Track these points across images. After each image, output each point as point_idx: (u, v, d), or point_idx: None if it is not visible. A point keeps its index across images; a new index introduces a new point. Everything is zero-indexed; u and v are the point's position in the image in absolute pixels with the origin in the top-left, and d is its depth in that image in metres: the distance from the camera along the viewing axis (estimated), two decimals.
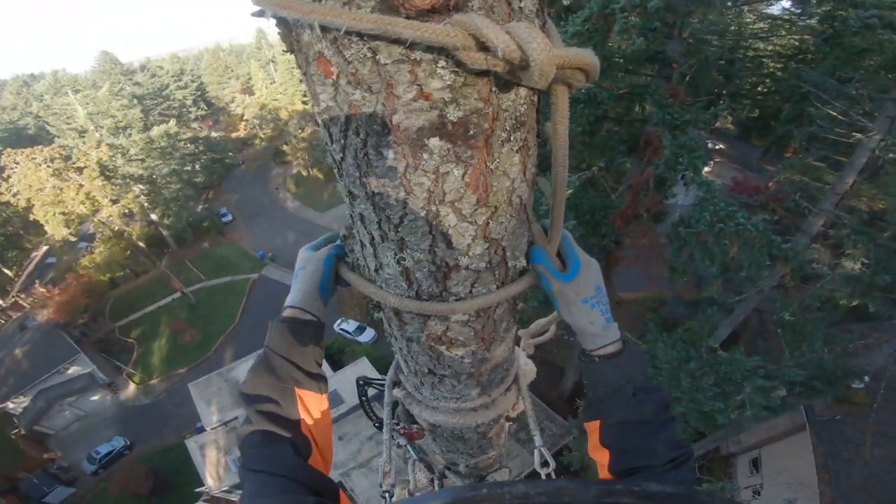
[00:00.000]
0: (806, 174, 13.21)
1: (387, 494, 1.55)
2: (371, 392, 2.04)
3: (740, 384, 8.40)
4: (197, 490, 17.26)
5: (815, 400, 10.20)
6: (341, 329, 23.68)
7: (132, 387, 25.28)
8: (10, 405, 23.16)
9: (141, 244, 33.59)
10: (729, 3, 13.08)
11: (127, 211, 31.78)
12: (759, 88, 25.92)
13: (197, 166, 40.26)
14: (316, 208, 37.20)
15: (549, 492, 0.38)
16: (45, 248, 36.40)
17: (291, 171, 42.43)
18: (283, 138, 42.77)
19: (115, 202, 30.71)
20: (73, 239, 31.96)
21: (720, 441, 12.99)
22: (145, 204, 32.29)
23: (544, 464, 1.52)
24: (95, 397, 24.91)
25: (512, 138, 0.65)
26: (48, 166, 28.90)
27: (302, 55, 0.59)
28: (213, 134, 47.50)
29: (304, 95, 46.88)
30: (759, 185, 20.70)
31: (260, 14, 0.57)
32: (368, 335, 23.05)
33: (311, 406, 0.95)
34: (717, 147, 27.90)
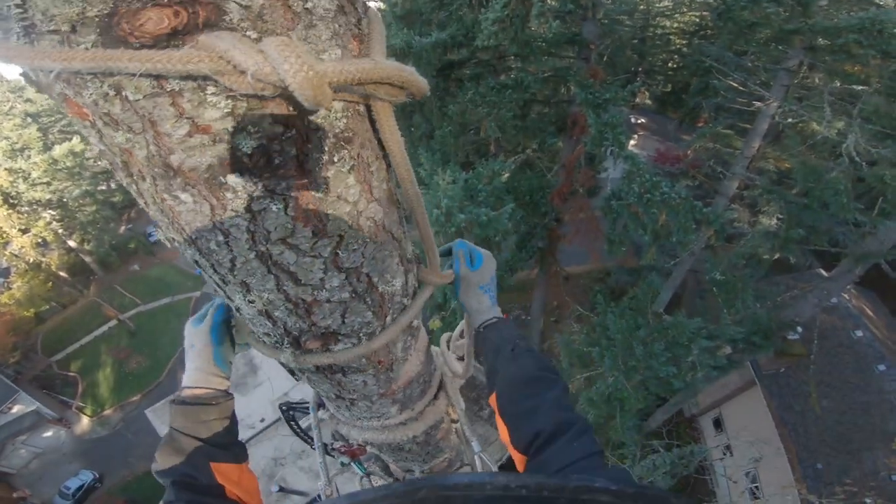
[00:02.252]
0: (717, 141, 14.02)
1: None
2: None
3: (688, 347, 8.76)
4: None
5: (757, 355, 10.68)
6: None
7: (85, 419, 23.74)
8: None
9: (63, 274, 30.61)
10: None
11: (40, 240, 28.80)
12: (670, 64, 27.24)
13: (112, 185, 36.96)
14: None
15: (530, 485, 0.37)
16: None
17: None
18: None
19: (24, 232, 27.74)
20: None
21: (681, 404, 13.47)
22: (60, 230, 29.36)
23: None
24: (48, 433, 23.48)
25: (337, 159, 0.57)
26: None
27: (53, 97, 0.49)
28: None
29: None
30: (679, 154, 21.66)
31: None
32: None
33: (230, 475, 0.92)
34: (638, 121, 29.17)
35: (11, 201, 27.34)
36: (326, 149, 0.55)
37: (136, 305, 29.23)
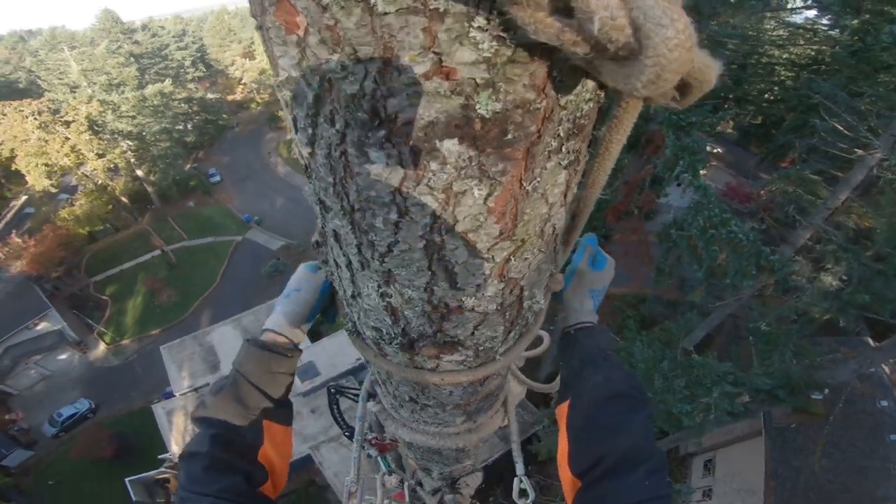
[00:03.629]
0: (800, 186, 13.14)
1: None
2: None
3: (709, 388, 8.49)
4: (160, 457, 16.77)
5: (776, 408, 10.47)
6: None
7: (102, 347, 24.16)
8: None
9: (124, 199, 32.54)
10: (755, 7, 12.67)
11: (112, 165, 30.74)
12: (766, 95, 25.47)
13: (189, 126, 39.01)
14: None
15: None
16: (24, 198, 35.19)
17: (285, 136, 41.09)
18: (279, 104, 41.73)
19: (100, 156, 29.68)
20: (53, 190, 30.85)
21: (680, 441, 13.24)
22: (132, 160, 31.26)
23: (523, 493, 1.41)
24: (63, 356, 23.76)
25: (563, 149, 0.44)
26: (35, 118, 27.82)
27: None
28: (210, 95, 46.08)
29: None
30: (752, 193, 20.52)
31: None
32: None
33: (276, 436, 0.89)
34: (714, 150, 27.67)
35: (96, 129, 29.39)
36: (560, 134, 0.42)
37: (182, 240, 30.63)
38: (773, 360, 9.31)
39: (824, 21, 17.54)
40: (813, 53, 21.87)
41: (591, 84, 0.40)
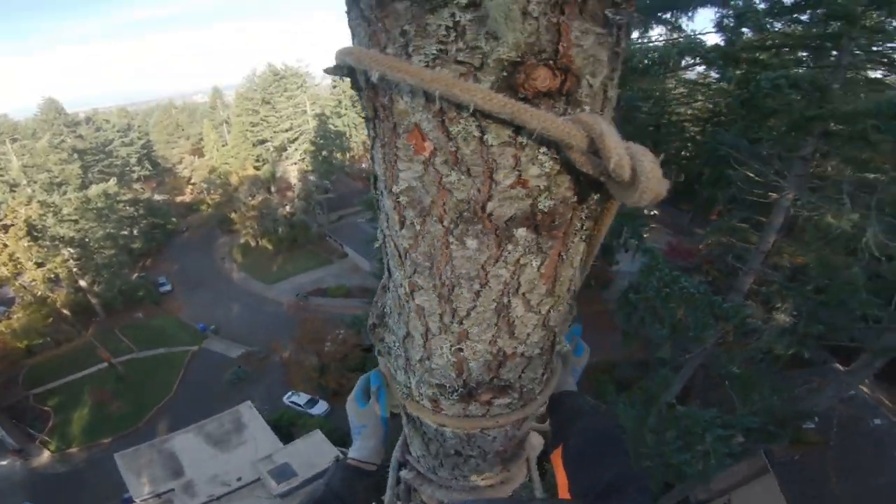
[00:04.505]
0: (732, 236, 14.08)
1: None
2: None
3: (701, 435, 8.64)
4: None
5: (772, 443, 10.59)
6: (291, 402, 22.48)
7: (46, 454, 22.95)
8: None
9: (65, 311, 30.37)
10: (658, 72, 14.32)
11: (53, 275, 28.95)
12: (683, 153, 27.68)
13: (135, 231, 37.34)
14: (263, 280, 35.20)
15: None
16: None
17: (239, 240, 39.47)
18: (231, 205, 39.76)
19: (40, 265, 27.96)
20: None
21: (689, 490, 12.98)
22: (74, 269, 29.59)
23: None
24: (3, 462, 22.70)
25: (584, 228, 0.64)
26: None
27: (388, 124, 0.53)
28: (157, 197, 44.65)
29: (257, 160, 44.37)
30: (692, 249, 21.54)
31: (336, 72, 0.53)
32: (321, 408, 21.94)
33: None
34: (651, 213, 29.82)
35: (35, 234, 27.70)
36: (583, 217, 0.62)
37: (131, 352, 28.88)
38: (753, 400, 9.72)
39: (713, 74, 19.14)
40: (711, 107, 23.95)
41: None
